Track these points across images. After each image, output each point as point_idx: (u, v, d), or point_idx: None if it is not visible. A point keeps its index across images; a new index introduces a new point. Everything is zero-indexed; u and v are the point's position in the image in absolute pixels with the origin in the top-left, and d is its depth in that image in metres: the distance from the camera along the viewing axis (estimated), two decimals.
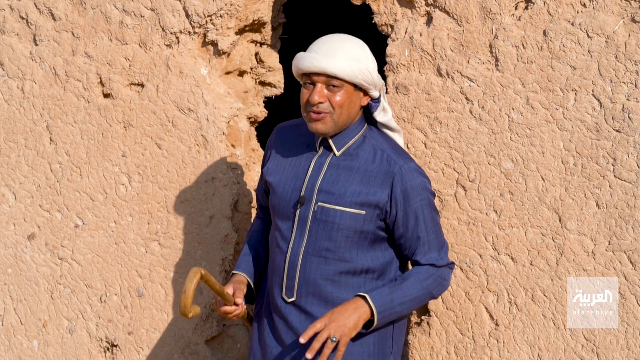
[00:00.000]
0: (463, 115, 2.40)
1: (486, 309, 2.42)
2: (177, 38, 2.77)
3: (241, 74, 2.91)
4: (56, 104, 2.98)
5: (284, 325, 2.13)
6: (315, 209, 2.07)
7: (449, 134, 2.42)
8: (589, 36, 2.20)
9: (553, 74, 2.26)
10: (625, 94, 2.18)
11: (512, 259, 2.37)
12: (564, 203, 2.28)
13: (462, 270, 2.44)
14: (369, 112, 2.13)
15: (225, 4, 2.67)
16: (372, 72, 2.01)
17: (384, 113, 2.14)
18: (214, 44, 2.76)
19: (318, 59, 1.97)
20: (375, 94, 2.07)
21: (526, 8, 2.31)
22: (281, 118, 2.69)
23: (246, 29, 2.81)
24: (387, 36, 2.54)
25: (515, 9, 2.33)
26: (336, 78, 1.98)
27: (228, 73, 2.86)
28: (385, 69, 2.51)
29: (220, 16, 2.70)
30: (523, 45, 2.30)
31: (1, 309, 3.17)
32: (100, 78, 2.90)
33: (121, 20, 2.83)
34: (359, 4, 2.62)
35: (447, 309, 2.48)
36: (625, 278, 2.22)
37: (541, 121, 2.29)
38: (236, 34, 2.78)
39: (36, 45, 3.00)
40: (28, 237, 3.09)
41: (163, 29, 2.77)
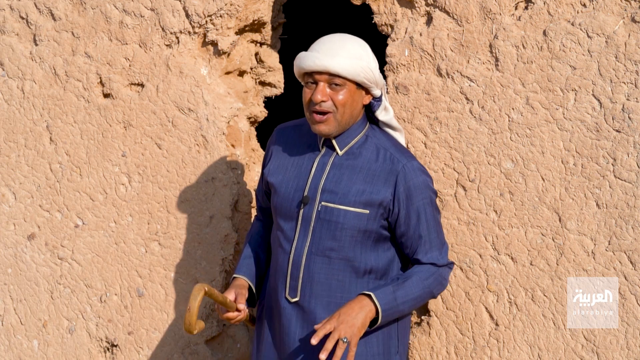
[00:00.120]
0: (463, 115, 2.40)
1: (486, 309, 2.42)
2: (177, 38, 2.77)
3: (241, 74, 2.91)
4: (56, 104, 2.98)
5: (287, 326, 2.13)
6: (319, 208, 2.07)
7: (449, 134, 2.42)
8: (589, 36, 2.20)
9: (553, 74, 2.26)
10: (625, 94, 2.18)
11: (512, 259, 2.37)
12: (564, 203, 2.28)
13: (462, 270, 2.44)
14: (371, 111, 2.14)
15: (225, 4, 2.67)
16: (374, 71, 2.02)
17: (386, 112, 2.14)
18: (214, 44, 2.76)
19: (320, 58, 1.97)
20: (377, 93, 2.07)
21: (526, 8, 2.31)
22: (281, 118, 2.70)
23: (246, 29, 2.81)
24: (387, 36, 2.54)
25: (515, 9, 2.33)
26: (338, 77, 1.98)
27: (228, 73, 2.86)
28: (385, 69, 2.51)
29: (220, 16, 2.70)
30: (523, 45, 2.30)
31: (1, 309, 3.17)
32: (100, 78, 2.90)
33: (121, 20, 2.83)
34: (359, 4, 2.62)
35: (447, 309, 2.48)
36: (625, 278, 2.22)
37: (541, 121, 2.29)
38: (236, 34, 2.78)
39: (36, 45, 3.00)
40: (28, 237, 3.09)
41: (163, 29, 2.77)
